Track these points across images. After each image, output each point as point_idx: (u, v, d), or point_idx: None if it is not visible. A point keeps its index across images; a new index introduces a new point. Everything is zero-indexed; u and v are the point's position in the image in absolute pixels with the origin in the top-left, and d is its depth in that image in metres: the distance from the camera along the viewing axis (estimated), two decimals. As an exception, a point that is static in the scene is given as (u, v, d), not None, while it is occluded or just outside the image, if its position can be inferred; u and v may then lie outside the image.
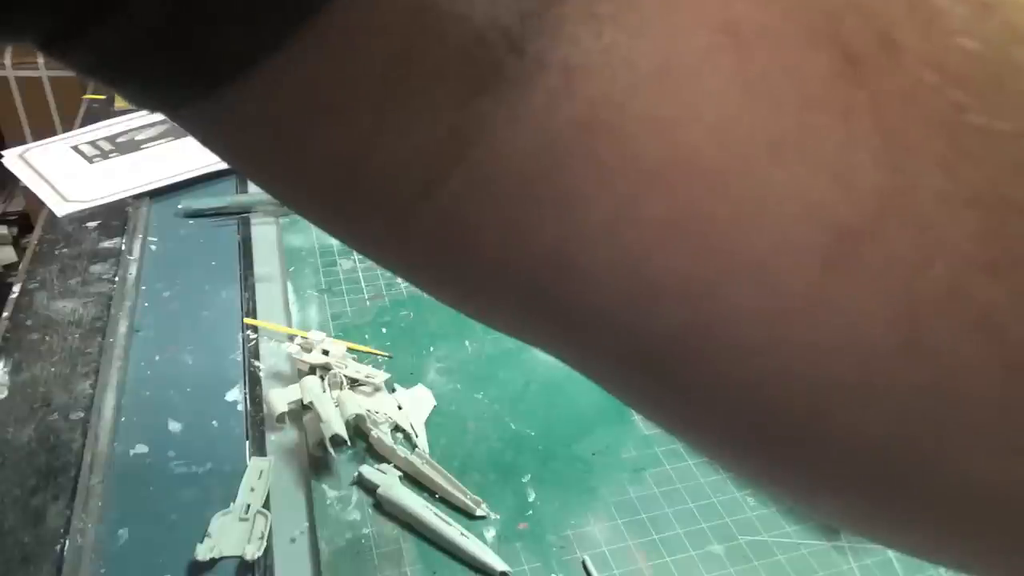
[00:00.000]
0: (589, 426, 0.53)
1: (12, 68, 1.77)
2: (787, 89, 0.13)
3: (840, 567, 0.45)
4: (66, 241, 0.70)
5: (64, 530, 0.44)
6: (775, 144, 0.13)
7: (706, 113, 0.13)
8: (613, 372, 0.17)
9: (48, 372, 0.55)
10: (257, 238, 0.71)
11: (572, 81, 0.13)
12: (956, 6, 0.13)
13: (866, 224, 0.13)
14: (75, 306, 0.62)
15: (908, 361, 0.13)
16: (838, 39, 0.13)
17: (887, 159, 0.13)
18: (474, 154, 0.14)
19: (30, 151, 0.83)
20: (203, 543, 0.43)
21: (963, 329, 0.13)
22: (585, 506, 0.48)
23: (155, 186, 0.77)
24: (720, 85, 0.13)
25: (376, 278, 0.66)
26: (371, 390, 0.53)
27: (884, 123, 0.13)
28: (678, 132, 0.13)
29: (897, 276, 0.13)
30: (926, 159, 0.13)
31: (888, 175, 0.13)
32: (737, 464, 0.17)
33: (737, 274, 0.14)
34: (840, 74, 0.13)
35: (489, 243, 0.15)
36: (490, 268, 0.16)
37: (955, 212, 0.13)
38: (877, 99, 0.13)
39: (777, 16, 0.13)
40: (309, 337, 0.56)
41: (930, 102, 0.13)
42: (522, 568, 0.44)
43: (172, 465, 0.49)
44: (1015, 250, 0.13)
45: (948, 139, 0.13)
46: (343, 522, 0.45)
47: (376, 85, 0.14)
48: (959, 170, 0.13)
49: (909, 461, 0.14)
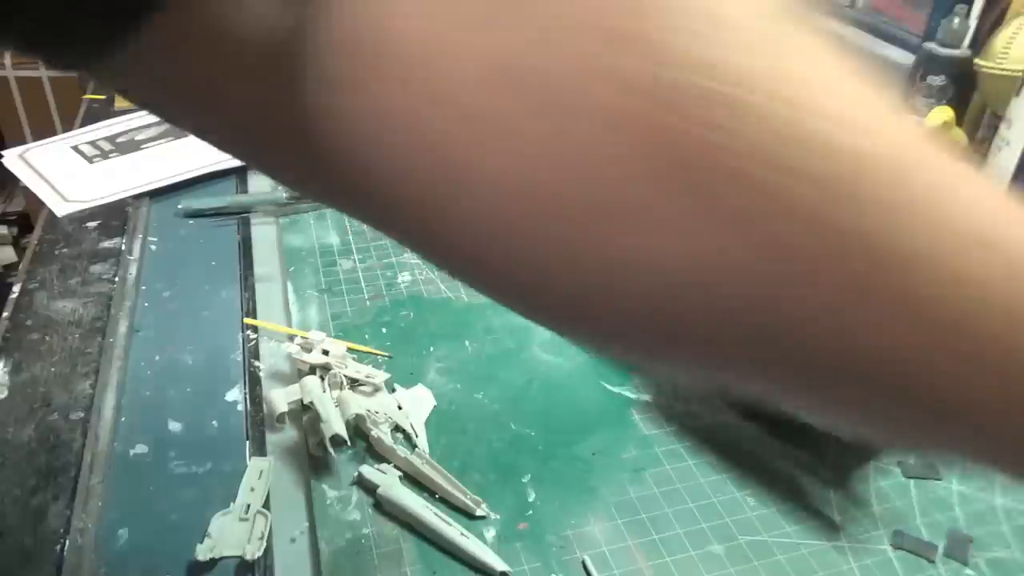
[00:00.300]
0: (589, 426, 0.53)
1: (12, 68, 1.77)
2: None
3: (840, 567, 0.45)
4: (66, 241, 0.70)
5: (64, 530, 0.44)
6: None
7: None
8: (382, 215, 0.23)
9: (48, 372, 0.55)
10: (257, 238, 0.71)
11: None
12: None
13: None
14: (75, 306, 0.62)
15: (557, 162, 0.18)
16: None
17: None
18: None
19: (30, 151, 0.83)
20: (203, 543, 0.43)
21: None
22: (585, 506, 0.48)
23: (155, 186, 0.77)
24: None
25: (376, 278, 0.66)
26: (371, 390, 0.53)
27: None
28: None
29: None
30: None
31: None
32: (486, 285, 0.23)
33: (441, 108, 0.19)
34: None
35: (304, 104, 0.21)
36: (292, 126, 0.21)
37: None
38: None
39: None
40: (309, 337, 0.56)
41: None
42: (522, 568, 0.44)
43: (172, 465, 0.49)
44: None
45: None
46: (343, 522, 0.45)
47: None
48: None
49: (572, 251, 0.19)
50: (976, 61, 0.85)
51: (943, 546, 0.46)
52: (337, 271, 0.67)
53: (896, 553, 0.46)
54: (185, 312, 0.62)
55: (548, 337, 0.60)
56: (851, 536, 0.47)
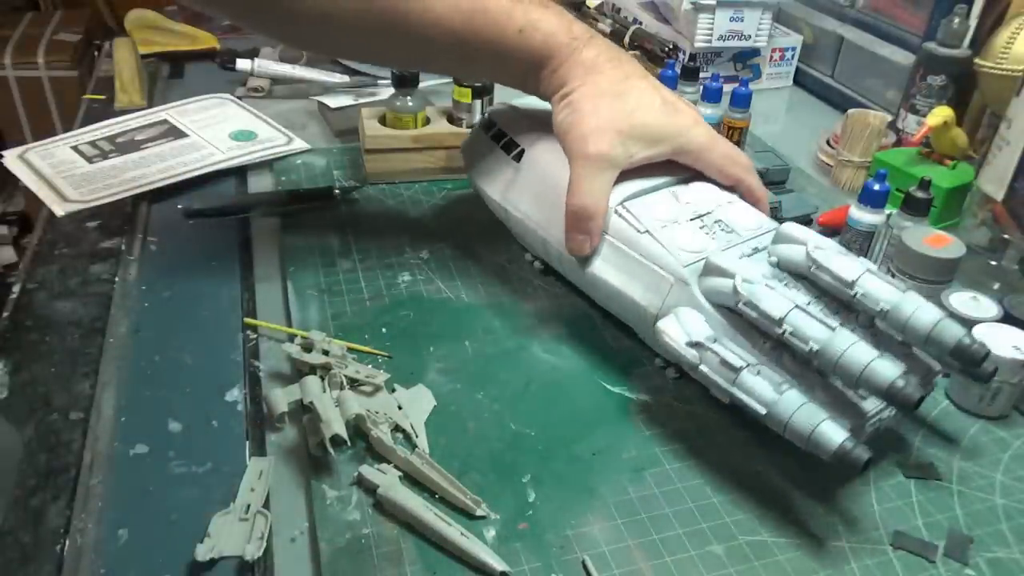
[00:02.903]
0: (589, 426, 0.53)
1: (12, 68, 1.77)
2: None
3: (840, 567, 0.45)
4: (66, 241, 0.70)
5: (64, 530, 0.44)
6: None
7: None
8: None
9: (48, 372, 0.55)
10: (257, 238, 0.71)
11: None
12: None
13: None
14: (75, 306, 0.62)
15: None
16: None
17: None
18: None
19: (30, 151, 0.83)
20: (203, 543, 0.43)
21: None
22: (585, 506, 0.48)
23: (155, 186, 0.77)
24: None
25: (376, 278, 0.66)
26: (371, 390, 0.53)
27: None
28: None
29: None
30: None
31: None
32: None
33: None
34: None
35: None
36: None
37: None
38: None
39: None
40: (309, 337, 0.56)
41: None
42: (522, 568, 0.44)
43: (172, 465, 0.49)
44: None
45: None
46: (343, 522, 0.45)
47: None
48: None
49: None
50: (976, 61, 0.85)
51: (943, 546, 0.46)
52: (337, 271, 0.67)
53: (896, 553, 0.46)
54: (185, 312, 0.62)
55: (548, 337, 0.60)
56: (851, 536, 0.47)
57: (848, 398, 0.48)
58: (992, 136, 0.76)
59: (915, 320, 0.46)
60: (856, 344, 0.45)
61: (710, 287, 0.51)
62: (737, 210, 0.58)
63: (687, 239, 0.54)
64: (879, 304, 0.47)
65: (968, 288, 0.62)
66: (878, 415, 0.48)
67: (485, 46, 0.58)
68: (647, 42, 1.09)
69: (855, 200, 0.71)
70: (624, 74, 0.58)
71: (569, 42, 0.58)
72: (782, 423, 0.45)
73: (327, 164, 0.84)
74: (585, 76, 0.58)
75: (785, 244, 0.52)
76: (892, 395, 0.44)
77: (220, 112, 0.92)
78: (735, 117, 0.89)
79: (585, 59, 0.58)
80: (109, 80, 0.99)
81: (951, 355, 0.46)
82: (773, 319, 0.47)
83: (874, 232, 0.70)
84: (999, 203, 0.73)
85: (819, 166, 0.94)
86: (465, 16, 0.56)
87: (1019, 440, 0.55)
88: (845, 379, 0.46)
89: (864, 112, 0.88)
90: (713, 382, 0.48)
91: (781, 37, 1.16)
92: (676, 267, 0.53)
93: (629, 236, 0.56)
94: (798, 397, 0.45)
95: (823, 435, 0.44)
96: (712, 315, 0.51)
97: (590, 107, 0.57)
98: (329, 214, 0.75)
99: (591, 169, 0.56)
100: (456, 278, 0.66)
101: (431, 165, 0.81)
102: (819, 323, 0.46)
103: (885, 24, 1.06)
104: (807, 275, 0.50)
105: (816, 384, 0.48)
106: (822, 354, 0.45)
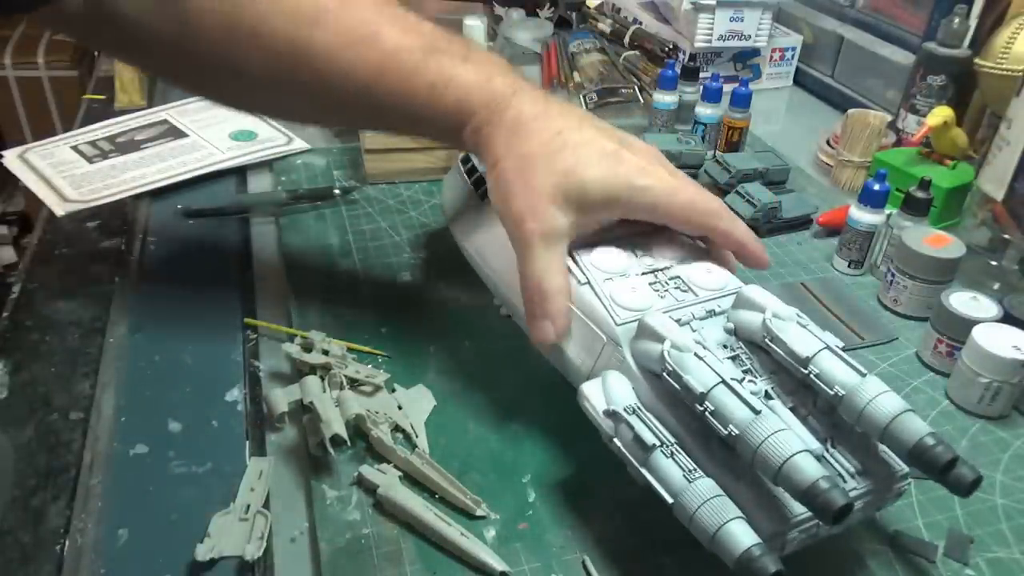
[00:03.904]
0: (589, 426, 0.53)
1: (12, 68, 1.77)
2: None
3: (840, 566, 0.45)
4: (66, 241, 0.70)
5: (64, 530, 0.44)
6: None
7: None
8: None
9: (48, 372, 0.55)
10: (257, 238, 0.71)
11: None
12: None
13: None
14: (75, 306, 0.62)
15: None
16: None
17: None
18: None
19: (30, 151, 0.83)
20: (203, 543, 0.43)
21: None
22: (585, 506, 0.48)
23: (155, 186, 0.77)
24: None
25: (376, 278, 0.66)
26: (371, 390, 0.53)
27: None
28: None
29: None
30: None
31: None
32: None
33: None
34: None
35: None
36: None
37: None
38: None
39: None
40: (309, 337, 0.56)
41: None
42: (522, 568, 0.44)
43: (172, 465, 0.49)
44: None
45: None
46: (343, 522, 0.45)
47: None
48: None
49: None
50: (976, 61, 0.85)
51: (943, 546, 0.46)
52: (337, 271, 0.67)
53: (896, 553, 0.46)
54: (185, 312, 0.62)
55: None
56: (851, 536, 0.47)
57: (775, 497, 0.40)
58: (992, 136, 0.76)
59: (873, 409, 0.40)
60: (780, 432, 0.38)
61: (641, 350, 0.45)
62: (701, 267, 0.51)
63: (630, 295, 0.48)
64: (834, 387, 0.41)
65: (968, 288, 0.62)
66: (809, 523, 0.40)
67: (396, 104, 0.51)
68: (647, 42, 1.09)
69: (855, 200, 0.71)
70: (555, 130, 0.50)
71: (488, 102, 0.50)
72: (687, 516, 0.39)
73: (327, 164, 0.84)
74: (510, 141, 0.50)
75: (745, 309, 0.46)
76: (811, 498, 0.36)
77: (220, 112, 0.92)
78: (735, 117, 0.89)
79: (507, 121, 0.50)
80: (109, 80, 0.99)
81: (909, 456, 0.39)
82: (694, 394, 0.40)
83: (874, 232, 0.70)
84: (999, 203, 0.73)
85: (819, 166, 0.94)
86: (373, 69, 0.50)
87: (1019, 440, 0.55)
88: (765, 472, 0.38)
89: (864, 112, 0.88)
90: (626, 459, 0.43)
91: (781, 37, 1.16)
92: (609, 324, 0.47)
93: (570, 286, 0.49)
94: (710, 488, 0.39)
95: (729, 536, 0.37)
96: (640, 382, 0.45)
97: (519, 180, 0.49)
98: (329, 214, 0.75)
99: (535, 250, 0.48)
100: (456, 278, 0.66)
101: (431, 165, 0.81)
102: (744, 403, 0.39)
103: (885, 24, 1.06)
104: (763, 346, 0.45)
105: (744, 475, 0.41)
106: (741, 440, 0.38)
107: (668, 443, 0.41)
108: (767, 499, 0.40)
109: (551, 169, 0.49)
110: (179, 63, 0.53)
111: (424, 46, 0.51)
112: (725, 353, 0.46)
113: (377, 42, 0.50)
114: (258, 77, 0.51)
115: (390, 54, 0.50)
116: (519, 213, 0.49)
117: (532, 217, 0.48)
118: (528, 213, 0.48)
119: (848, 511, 0.36)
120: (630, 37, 1.10)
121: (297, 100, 0.54)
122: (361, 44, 0.50)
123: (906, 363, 0.62)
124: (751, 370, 0.45)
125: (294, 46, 0.50)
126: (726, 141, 0.90)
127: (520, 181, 0.49)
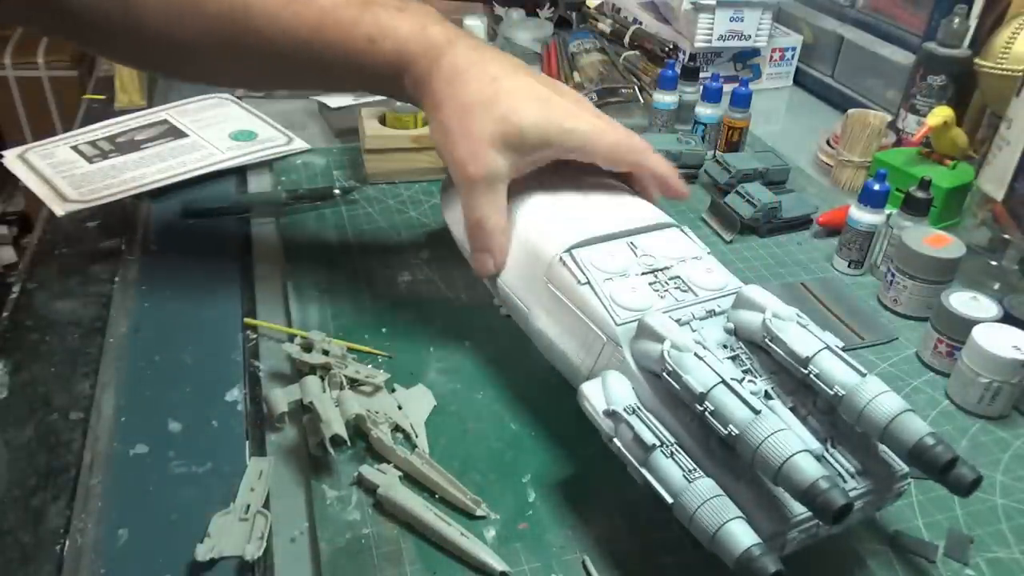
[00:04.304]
0: (589, 426, 0.53)
1: (12, 68, 1.77)
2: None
3: (840, 567, 0.45)
4: (66, 241, 0.70)
5: (64, 530, 0.44)
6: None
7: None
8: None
9: (48, 372, 0.55)
10: (257, 238, 0.72)
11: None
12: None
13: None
14: (75, 306, 0.62)
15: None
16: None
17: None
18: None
19: (30, 151, 0.83)
20: (203, 543, 0.43)
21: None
22: (585, 506, 0.48)
23: (155, 186, 0.77)
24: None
25: (376, 278, 0.66)
26: (371, 390, 0.53)
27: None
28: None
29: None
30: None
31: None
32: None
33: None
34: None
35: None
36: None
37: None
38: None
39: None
40: (309, 337, 0.56)
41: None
42: (522, 568, 0.44)
43: (172, 465, 0.49)
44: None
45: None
46: (343, 522, 0.45)
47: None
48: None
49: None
50: (976, 61, 0.85)
51: (943, 546, 0.46)
52: (337, 271, 0.67)
53: (896, 553, 0.46)
54: (185, 312, 0.62)
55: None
56: (851, 536, 0.47)
57: (775, 497, 0.40)
58: (992, 136, 0.76)
59: (873, 409, 0.40)
60: (780, 432, 0.38)
61: (641, 350, 0.45)
62: (701, 267, 0.51)
63: (630, 295, 0.48)
64: (834, 387, 0.41)
65: (968, 288, 0.62)
66: (809, 523, 0.40)
67: (337, 57, 0.54)
68: (647, 42, 1.09)
69: (855, 200, 0.71)
70: (491, 76, 0.53)
71: (425, 51, 0.53)
72: (687, 516, 0.39)
73: (327, 164, 0.84)
74: (447, 88, 0.53)
75: (745, 309, 0.46)
76: (811, 498, 0.36)
77: (220, 112, 0.92)
78: (735, 117, 0.89)
79: (444, 69, 0.53)
80: (109, 80, 0.99)
81: (909, 456, 0.40)
82: (694, 394, 0.40)
83: (874, 232, 0.70)
84: (999, 203, 0.73)
85: (819, 166, 0.94)
86: (312, 26, 0.53)
87: (1019, 440, 0.55)
88: (765, 472, 0.38)
89: (864, 112, 0.88)
90: (626, 459, 0.42)
91: (781, 37, 1.16)
92: (609, 324, 0.46)
93: (569, 286, 0.49)
94: (710, 488, 0.39)
95: (729, 536, 0.37)
96: (640, 382, 0.45)
97: (459, 127, 0.52)
98: (329, 214, 0.75)
99: (477, 192, 0.53)
100: (456, 278, 0.66)
101: (431, 165, 0.81)
102: (744, 403, 0.39)
103: (885, 24, 1.06)
104: (763, 346, 0.45)
105: (744, 475, 0.41)
106: (741, 440, 0.38)
107: (668, 443, 0.41)
108: (767, 499, 0.40)
109: (489, 116, 0.52)
110: (124, 41, 0.55)
111: (360, 0, 0.54)
112: (725, 353, 0.46)
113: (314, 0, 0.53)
114: (204, 46, 0.54)
115: (328, 10, 0.53)
116: (461, 158, 0.53)
117: (473, 162, 0.52)
118: (469, 158, 0.52)
119: (848, 511, 0.36)
120: (630, 37, 1.10)
121: (242, 65, 0.57)
122: (298, 2, 0.53)
123: (906, 363, 0.62)
124: (751, 370, 0.45)
125: (234, 11, 0.52)
126: (726, 141, 0.90)
127: (460, 127, 0.52)
